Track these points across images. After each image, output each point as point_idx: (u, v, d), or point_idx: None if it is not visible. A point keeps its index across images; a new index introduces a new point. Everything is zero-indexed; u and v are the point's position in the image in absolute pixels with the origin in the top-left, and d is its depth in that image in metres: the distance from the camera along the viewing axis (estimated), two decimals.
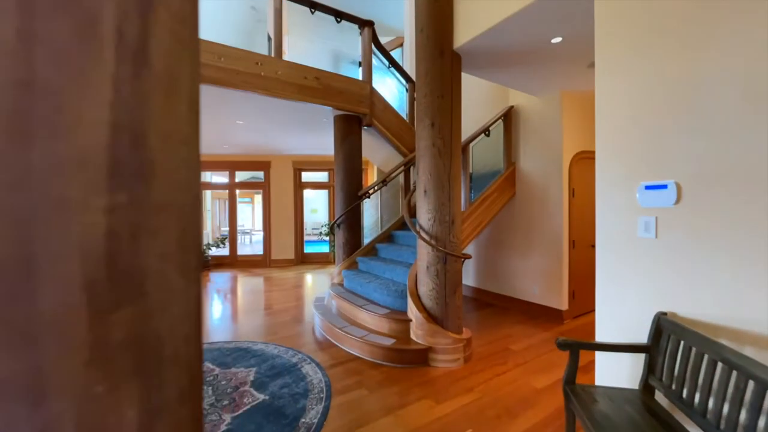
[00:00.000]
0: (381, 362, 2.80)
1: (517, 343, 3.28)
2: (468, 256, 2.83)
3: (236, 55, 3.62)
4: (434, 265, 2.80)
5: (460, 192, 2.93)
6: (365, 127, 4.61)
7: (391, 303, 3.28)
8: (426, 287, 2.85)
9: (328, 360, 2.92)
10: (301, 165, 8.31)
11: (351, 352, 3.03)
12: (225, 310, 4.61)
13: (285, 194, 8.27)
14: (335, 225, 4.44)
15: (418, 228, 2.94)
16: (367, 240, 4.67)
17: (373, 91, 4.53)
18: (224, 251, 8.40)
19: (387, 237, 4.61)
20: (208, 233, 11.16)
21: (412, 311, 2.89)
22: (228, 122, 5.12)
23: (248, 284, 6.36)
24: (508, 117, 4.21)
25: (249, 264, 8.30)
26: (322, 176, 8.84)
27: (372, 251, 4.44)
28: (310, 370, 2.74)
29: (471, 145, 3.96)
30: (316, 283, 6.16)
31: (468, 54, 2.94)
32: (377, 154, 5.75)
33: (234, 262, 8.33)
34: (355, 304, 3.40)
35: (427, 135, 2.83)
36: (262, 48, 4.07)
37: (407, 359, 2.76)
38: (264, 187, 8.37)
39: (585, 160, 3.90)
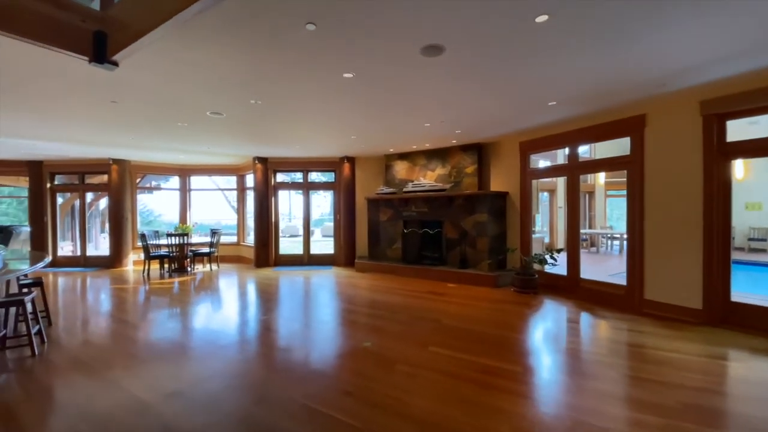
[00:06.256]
0: None
1: None
2: None
3: None
4: None
5: None
6: None
7: None
8: None
9: None
10: (716, 104, 3.67)
11: None
12: None
13: (677, 174, 4.02)
14: None
15: None
16: None
17: None
18: (561, 269, 5.46)
19: None
20: (544, 233, 8.47)
21: None
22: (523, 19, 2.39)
23: (571, 356, 3.17)
24: None
25: (598, 298, 4.84)
26: None
27: None
28: None
29: None
30: None
31: None
32: None
33: (574, 289, 5.20)
34: None
35: None
36: None
37: None
38: (631, 162, 4.54)
39: None
